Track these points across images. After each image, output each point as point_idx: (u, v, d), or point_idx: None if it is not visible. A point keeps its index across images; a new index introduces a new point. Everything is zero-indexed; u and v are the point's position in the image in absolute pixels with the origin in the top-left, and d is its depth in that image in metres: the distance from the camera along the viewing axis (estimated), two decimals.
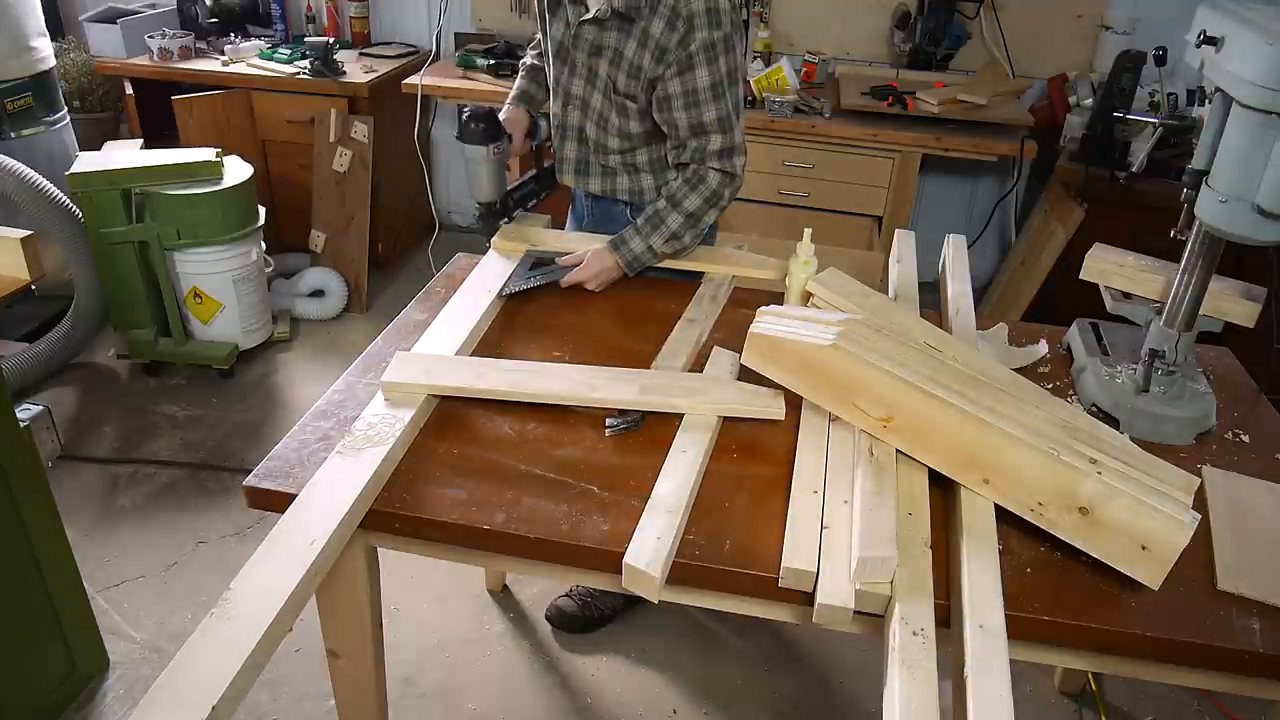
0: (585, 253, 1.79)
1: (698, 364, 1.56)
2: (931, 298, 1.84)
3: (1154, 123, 1.58)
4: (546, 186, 2.01)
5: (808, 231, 1.66)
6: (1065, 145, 3.04)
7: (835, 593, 1.09)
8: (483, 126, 1.78)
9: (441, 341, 1.56)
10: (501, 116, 1.87)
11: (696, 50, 1.62)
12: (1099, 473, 1.12)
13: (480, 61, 3.40)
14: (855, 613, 1.09)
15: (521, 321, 1.70)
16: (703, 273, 1.87)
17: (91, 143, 3.37)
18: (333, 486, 1.20)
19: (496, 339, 1.63)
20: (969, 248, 2.00)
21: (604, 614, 2.21)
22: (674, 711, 2.02)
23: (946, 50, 3.38)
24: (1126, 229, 2.59)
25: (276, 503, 1.22)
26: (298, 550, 1.09)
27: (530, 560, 1.24)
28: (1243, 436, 1.48)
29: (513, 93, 2.00)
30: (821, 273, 1.61)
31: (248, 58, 3.54)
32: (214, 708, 0.90)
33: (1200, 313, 1.45)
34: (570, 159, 1.90)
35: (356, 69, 3.50)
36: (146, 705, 0.90)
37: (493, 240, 1.91)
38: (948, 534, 1.20)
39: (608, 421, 1.39)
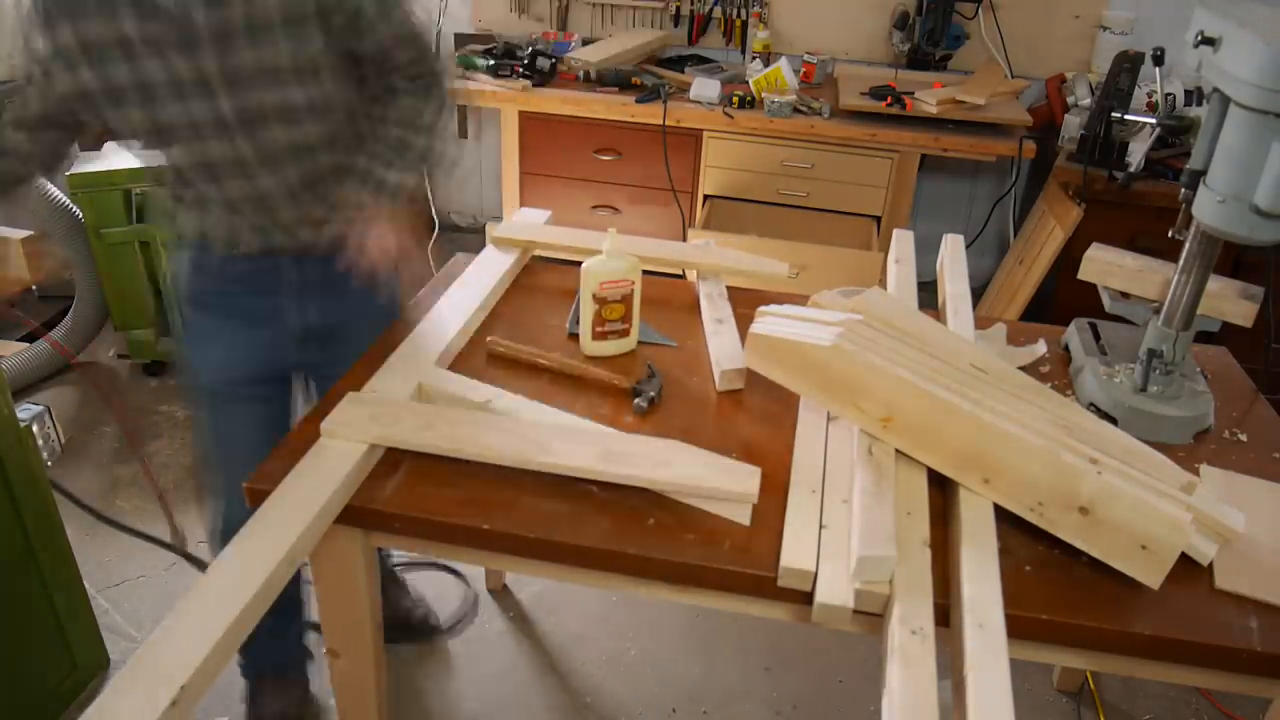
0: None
1: None
2: (931, 297, 1.84)
3: (1152, 123, 1.58)
4: None
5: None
6: (1063, 145, 3.04)
7: (834, 592, 1.09)
8: None
9: (443, 324, 1.57)
10: None
11: None
12: (1099, 472, 1.13)
13: (480, 62, 3.40)
14: (854, 612, 1.09)
15: (518, 319, 1.70)
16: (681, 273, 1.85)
17: (91, 143, 3.36)
18: (315, 472, 1.20)
19: (491, 327, 1.62)
20: (968, 248, 2.00)
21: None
22: (673, 710, 2.02)
23: (945, 51, 3.38)
24: (1124, 229, 2.61)
25: None
26: (275, 534, 1.10)
27: (530, 560, 1.25)
28: (1240, 436, 1.48)
29: None
30: (866, 291, 1.49)
31: None
32: (183, 687, 0.92)
33: (1198, 312, 1.46)
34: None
35: None
36: (119, 683, 0.92)
37: (489, 236, 1.90)
38: (947, 533, 1.21)
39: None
